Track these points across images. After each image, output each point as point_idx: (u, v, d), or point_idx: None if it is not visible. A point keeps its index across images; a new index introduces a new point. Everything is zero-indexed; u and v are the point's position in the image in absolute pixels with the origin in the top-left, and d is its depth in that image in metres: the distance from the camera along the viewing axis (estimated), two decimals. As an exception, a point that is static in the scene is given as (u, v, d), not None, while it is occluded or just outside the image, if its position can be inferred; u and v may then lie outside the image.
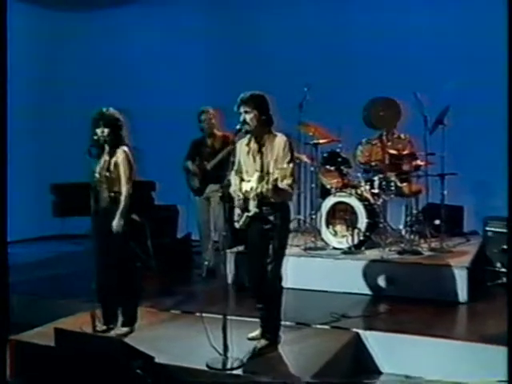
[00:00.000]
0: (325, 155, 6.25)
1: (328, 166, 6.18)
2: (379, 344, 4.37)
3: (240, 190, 3.95)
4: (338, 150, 6.24)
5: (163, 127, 7.79)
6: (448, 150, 6.49)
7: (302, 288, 5.53)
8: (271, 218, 3.90)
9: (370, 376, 4.28)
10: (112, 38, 8.40)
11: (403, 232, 6.10)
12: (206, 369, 3.71)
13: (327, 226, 5.99)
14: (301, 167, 6.65)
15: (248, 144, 4.01)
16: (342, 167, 6.15)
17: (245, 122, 3.91)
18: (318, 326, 4.50)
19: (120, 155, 4.35)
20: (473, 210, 7.07)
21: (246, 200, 3.92)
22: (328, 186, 6.22)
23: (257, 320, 4.20)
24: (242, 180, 3.99)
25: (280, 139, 3.93)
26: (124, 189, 4.36)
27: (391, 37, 7.21)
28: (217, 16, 8.08)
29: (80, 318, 4.58)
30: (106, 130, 4.31)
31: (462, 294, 5.15)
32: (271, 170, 3.87)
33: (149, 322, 4.62)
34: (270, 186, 3.76)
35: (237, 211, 3.98)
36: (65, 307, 5.15)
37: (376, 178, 6.14)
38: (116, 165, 4.34)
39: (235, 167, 4.05)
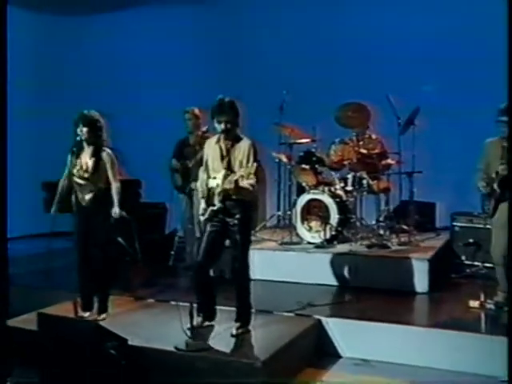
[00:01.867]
0: (300, 154, 6.60)
1: (303, 165, 6.52)
2: (340, 330, 4.72)
3: (206, 185, 4.31)
4: (312, 150, 6.58)
5: (156, 128, 8.11)
6: (427, 149, 6.90)
7: (276, 280, 5.90)
8: (234, 211, 4.26)
9: (330, 359, 4.64)
10: (104, 41, 8.74)
11: (376, 227, 6.46)
12: (174, 350, 4.09)
13: (302, 222, 6.34)
14: (280, 166, 7.02)
15: (217, 144, 4.36)
16: (317, 166, 6.50)
17: (224, 129, 4.25)
18: (285, 313, 4.87)
19: (105, 156, 4.72)
20: (448, 206, 7.38)
21: (211, 195, 4.28)
22: (304, 184, 6.57)
23: (227, 308, 4.58)
24: (208, 177, 4.35)
25: (246, 142, 4.30)
26: (114, 185, 4.76)
27: (368, 40, 7.55)
28: (203, 17, 8.41)
29: (64, 306, 4.95)
30: (85, 130, 4.65)
31: (423, 285, 5.51)
32: (236, 170, 4.24)
33: (127, 309, 5.03)
34: (232, 185, 4.13)
35: (202, 205, 4.35)
36: (54, 297, 5.50)
37: (349, 176, 6.48)
38: (100, 165, 4.70)
39: (203, 164, 4.43)
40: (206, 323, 4.48)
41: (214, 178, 4.29)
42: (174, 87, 8.01)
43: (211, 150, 4.38)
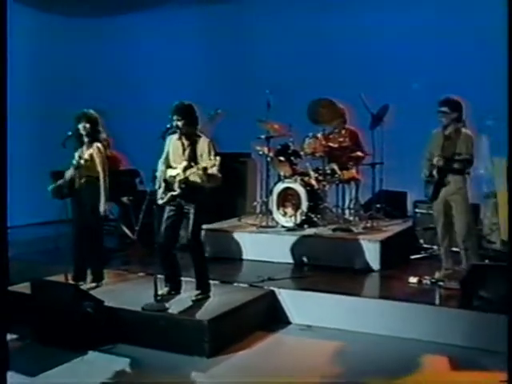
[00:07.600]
0: (278, 148, 7.33)
1: (280, 157, 7.25)
2: (290, 299, 5.47)
3: (165, 175, 5.09)
4: (289, 144, 7.30)
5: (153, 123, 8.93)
6: (405, 143, 7.51)
7: (251, 259, 6.69)
8: (191, 197, 5.04)
9: (281, 325, 5.38)
10: (105, 42, 9.58)
11: (344, 213, 7.17)
12: (141, 311, 4.95)
13: (278, 208, 7.08)
14: (263, 158, 7.75)
15: (179, 140, 5.14)
16: (292, 158, 7.22)
17: (177, 126, 5.05)
18: (243, 285, 5.65)
19: (95, 149, 5.57)
20: (419, 195, 7.95)
21: (170, 183, 5.06)
22: (281, 174, 7.31)
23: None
24: (168, 167, 5.11)
25: (204, 140, 5.06)
26: (101, 174, 5.54)
27: (347, 40, 8.22)
28: (194, 20, 9.22)
29: (60, 277, 5.81)
30: (88, 126, 5.51)
31: (375, 263, 6.20)
32: (199, 162, 4.99)
33: (117, 280, 5.91)
34: (201, 172, 4.84)
35: (160, 191, 5.12)
36: (57, 270, 6.40)
37: (321, 167, 7.19)
38: (91, 155, 5.56)
39: (164, 156, 5.18)
40: (173, 292, 5.29)
41: (175, 168, 5.06)
42: (168, 86, 8.83)
43: (173, 144, 5.14)
